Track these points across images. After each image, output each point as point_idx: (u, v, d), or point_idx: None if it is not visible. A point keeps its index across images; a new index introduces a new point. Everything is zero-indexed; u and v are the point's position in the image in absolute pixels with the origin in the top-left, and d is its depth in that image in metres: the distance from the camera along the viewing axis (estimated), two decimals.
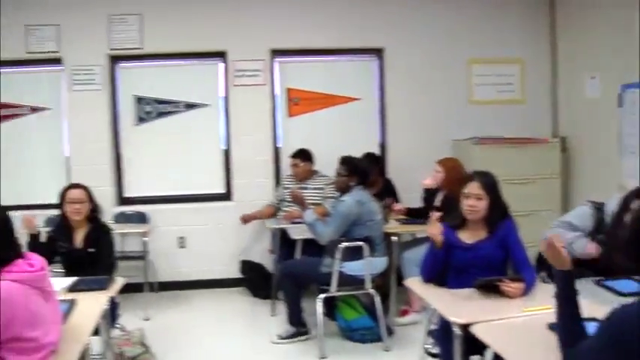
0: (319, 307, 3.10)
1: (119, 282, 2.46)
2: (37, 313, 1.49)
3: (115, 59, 4.37)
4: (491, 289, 1.98)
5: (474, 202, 2.17)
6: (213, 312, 3.95)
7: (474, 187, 2.19)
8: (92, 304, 2.11)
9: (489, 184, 2.21)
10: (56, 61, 4.33)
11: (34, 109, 4.41)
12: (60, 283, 2.35)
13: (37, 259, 1.55)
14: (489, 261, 2.17)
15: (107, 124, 4.34)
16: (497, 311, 1.83)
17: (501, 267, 2.20)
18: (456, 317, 1.80)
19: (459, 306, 1.92)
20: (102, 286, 2.34)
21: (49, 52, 4.28)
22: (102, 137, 4.32)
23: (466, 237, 2.22)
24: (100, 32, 4.29)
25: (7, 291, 1.41)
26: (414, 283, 2.30)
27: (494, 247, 2.18)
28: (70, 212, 2.73)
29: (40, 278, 1.52)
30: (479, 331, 1.68)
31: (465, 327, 1.74)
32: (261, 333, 3.43)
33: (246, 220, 4.13)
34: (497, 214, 2.20)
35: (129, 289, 2.54)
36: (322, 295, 3.12)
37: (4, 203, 4.21)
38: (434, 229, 2.20)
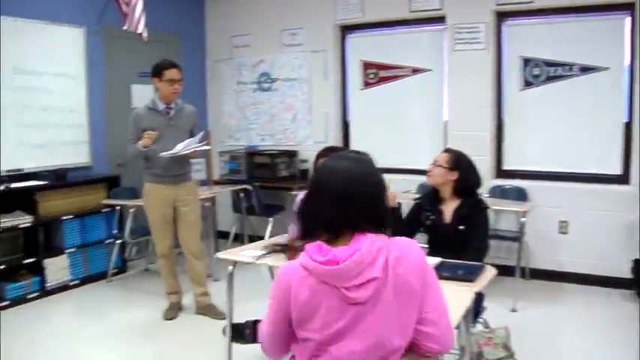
0: None
1: (489, 273, 2.92)
2: (308, 310, 1.78)
3: (502, 16, 5.89)
4: None
5: None
6: (591, 315, 4.92)
7: None
8: (454, 298, 2.45)
9: None
10: (439, 20, 6.13)
11: (415, 71, 6.42)
12: None
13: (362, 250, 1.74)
14: None
15: (490, 87, 5.93)
16: None
17: None
18: None
19: None
20: (469, 277, 2.83)
21: (432, 9, 6.12)
22: (483, 102, 5.95)
23: None
24: None
25: (282, 271, 1.86)
26: None
27: None
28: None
29: (337, 274, 1.73)
30: None
31: None
32: None
33: None
34: None
35: (500, 271, 3.12)
36: None
37: (383, 165, 6.49)
38: None
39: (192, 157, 5.02)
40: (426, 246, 3.79)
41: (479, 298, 3.24)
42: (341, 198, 1.79)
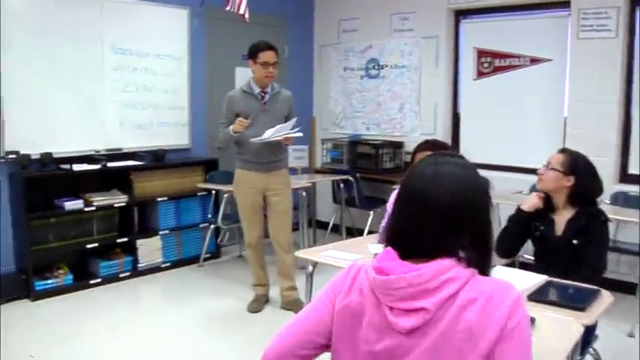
0: None
1: (606, 300, 2.48)
2: (351, 317, 1.48)
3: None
4: None
5: None
6: None
7: None
8: (560, 330, 2.18)
9: None
10: (563, 5, 5.48)
11: (534, 60, 5.78)
12: (524, 278, 2.60)
13: (426, 268, 1.38)
14: None
15: (619, 80, 5.25)
16: None
17: None
18: None
19: None
20: (580, 304, 2.37)
21: None
22: (611, 96, 5.27)
23: None
24: None
25: (351, 264, 1.56)
26: None
27: None
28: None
29: (383, 286, 1.41)
30: None
31: None
32: None
33: None
34: None
35: (617, 288, 2.85)
36: None
37: (488, 161, 5.96)
38: None
39: (286, 144, 4.69)
40: (532, 258, 3.36)
41: (591, 327, 2.72)
42: (449, 214, 1.43)
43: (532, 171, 5.00)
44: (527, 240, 3.34)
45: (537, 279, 2.73)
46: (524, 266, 3.54)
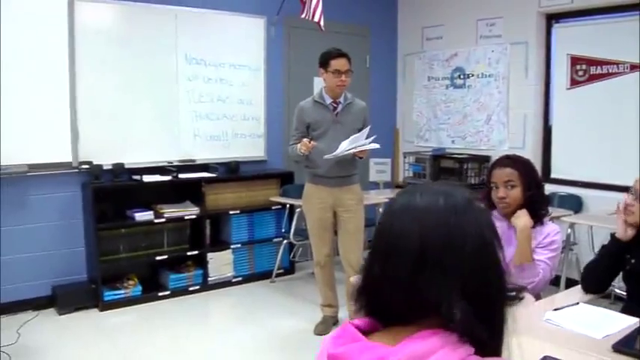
0: None
1: None
2: None
3: None
4: None
5: None
6: None
7: None
8: None
9: None
10: None
11: (635, 67, 5.15)
12: (611, 321, 2.30)
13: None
14: None
15: None
16: None
17: None
18: None
19: None
20: None
21: None
22: None
23: None
24: None
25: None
26: None
27: None
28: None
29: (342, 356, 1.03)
30: None
31: None
32: None
33: None
34: None
35: None
36: None
37: (583, 179, 5.41)
38: None
39: (360, 157, 4.36)
40: (624, 294, 2.84)
41: None
42: (420, 256, 1.02)
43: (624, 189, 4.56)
44: (618, 274, 2.84)
45: (627, 322, 2.29)
46: (622, 301, 3.02)
